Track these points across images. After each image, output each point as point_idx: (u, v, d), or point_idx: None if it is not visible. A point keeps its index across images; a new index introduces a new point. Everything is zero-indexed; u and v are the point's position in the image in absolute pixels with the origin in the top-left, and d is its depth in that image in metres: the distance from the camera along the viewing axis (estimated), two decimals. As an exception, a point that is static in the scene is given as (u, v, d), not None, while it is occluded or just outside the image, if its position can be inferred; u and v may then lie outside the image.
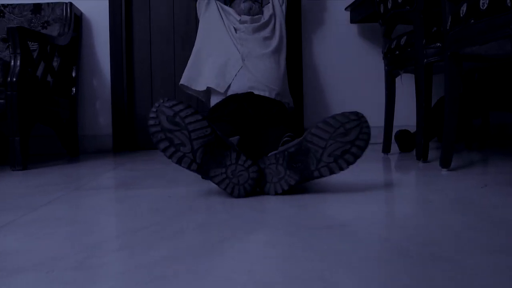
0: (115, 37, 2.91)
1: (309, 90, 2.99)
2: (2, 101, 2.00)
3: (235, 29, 2.20)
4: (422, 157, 1.90)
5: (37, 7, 2.74)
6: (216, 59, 2.11)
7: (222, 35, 2.18)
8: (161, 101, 1.13)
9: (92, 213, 1.06)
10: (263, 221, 0.94)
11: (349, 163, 1.18)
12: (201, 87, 2.13)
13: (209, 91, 2.16)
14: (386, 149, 2.30)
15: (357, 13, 2.85)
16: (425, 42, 1.86)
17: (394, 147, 2.39)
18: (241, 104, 1.93)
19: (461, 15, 1.45)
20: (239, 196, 1.16)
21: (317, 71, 3.00)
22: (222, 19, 2.22)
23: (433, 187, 1.31)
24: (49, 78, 2.42)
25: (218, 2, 2.28)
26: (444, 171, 1.60)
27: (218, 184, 1.15)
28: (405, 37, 2.02)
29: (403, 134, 2.42)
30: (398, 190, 1.29)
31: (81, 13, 2.88)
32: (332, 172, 1.17)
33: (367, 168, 1.79)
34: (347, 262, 0.66)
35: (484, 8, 1.31)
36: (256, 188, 1.20)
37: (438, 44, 1.83)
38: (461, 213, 0.97)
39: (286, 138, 1.39)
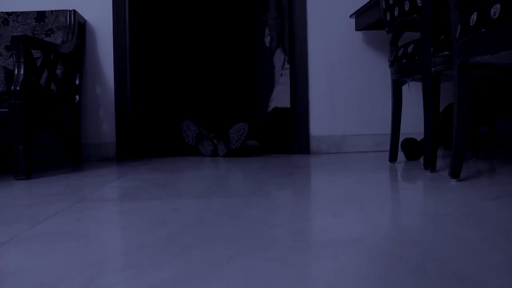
0: (119, 44, 2.90)
1: (314, 98, 2.97)
2: (5, 110, 1.99)
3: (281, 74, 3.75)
4: (430, 166, 1.87)
5: (41, 15, 2.73)
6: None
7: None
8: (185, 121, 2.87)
9: (97, 227, 1.04)
10: (272, 235, 0.91)
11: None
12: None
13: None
14: (392, 158, 2.27)
15: (362, 21, 2.83)
16: (433, 50, 1.84)
17: (400, 155, 2.36)
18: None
19: (471, 24, 1.43)
20: (207, 154, 2.92)
21: (322, 79, 2.97)
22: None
23: (443, 199, 1.28)
24: (52, 86, 2.41)
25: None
26: (453, 182, 1.57)
27: (200, 150, 2.92)
28: (412, 45, 2.00)
29: (409, 143, 2.39)
30: (408, 202, 1.27)
31: (85, 21, 2.87)
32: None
33: (374, 178, 1.77)
34: (362, 283, 0.64)
35: (496, 17, 1.28)
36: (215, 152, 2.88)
37: (447, 52, 1.81)
38: (476, 227, 0.94)
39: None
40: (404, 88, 2.27)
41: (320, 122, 2.98)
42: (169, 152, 3.35)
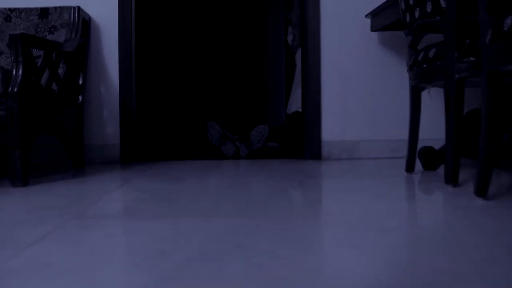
0: (125, 42, 2.79)
1: (326, 101, 2.85)
2: (2, 112, 1.89)
3: None
4: (452, 180, 1.75)
5: (44, 12, 2.63)
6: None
7: None
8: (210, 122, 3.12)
9: (89, 257, 0.93)
10: (284, 275, 0.80)
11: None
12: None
13: None
14: (409, 168, 2.14)
15: (378, 21, 2.70)
16: (457, 56, 1.71)
17: (417, 164, 2.23)
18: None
19: (505, 29, 1.30)
20: (229, 155, 2.99)
21: (335, 81, 2.85)
22: None
23: (473, 224, 1.16)
24: (54, 86, 2.31)
25: None
26: (480, 201, 1.45)
27: (223, 151, 2.98)
28: (434, 49, 1.87)
29: (427, 152, 2.26)
30: (432, 227, 1.15)
31: (90, 18, 2.76)
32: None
33: (392, 194, 1.65)
34: None
35: (535, 23, 1.16)
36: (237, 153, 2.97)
37: (472, 58, 1.68)
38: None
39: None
40: (423, 94, 2.14)
41: (332, 127, 2.86)
42: (175, 155, 3.25)
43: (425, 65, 1.93)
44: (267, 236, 1.05)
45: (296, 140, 3.13)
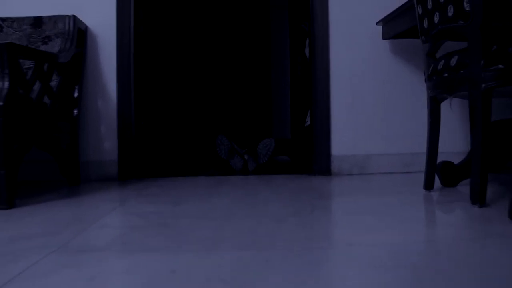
0: (123, 53, 2.65)
1: (336, 112, 2.69)
2: (-13, 128, 1.74)
3: None
4: (479, 200, 1.58)
5: (37, 21, 2.50)
6: None
7: None
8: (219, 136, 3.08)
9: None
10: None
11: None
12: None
13: None
14: (428, 185, 1.98)
15: (391, 28, 2.55)
16: (483, 64, 1.55)
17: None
18: None
19: (546, 33, 1.14)
20: (237, 169, 2.92)
21: (345, 91, 2.69)
22: None
23: (518, 258, 0.99)
24: (46, 100, 2.16)
25: None
26: (517, 226, 1.28)
27: (231, 164, 2.93)
28: (456, 56, 1.71)
29: (446, 167, 2.10)
30: (469, 264, 0.98)
31: (86, 27, 2.62)
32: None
33: (414, 218, 1.48)
34: None
35: None
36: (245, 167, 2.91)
37: (501, 66, 1.52)
38: None
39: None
40: (443, 105, 1.98)
41: (342, 140, 2.70)
42: (177, 171, 3.09)
43: (446, 74, 1.77)
44: (279, 276, 0.88)
45: (307, 153, 2.99)
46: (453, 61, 1.72)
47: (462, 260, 1.00)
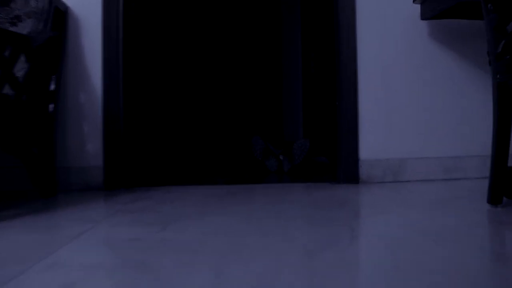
0: (110, 39, 2.22)
1: (364, 108, 2.24)
2: None
3: None
4: None
5: (6, -1, 2.07)
6: None
7: None
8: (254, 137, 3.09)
9: None
10: None
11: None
12: None
13: None
14: (495, 199, 1.52)
15: (432, 6, 2.11)
16: None
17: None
18: None
19: None
20: (272, 169, 2.86)
21: (375, 83, 2.25)
22: None
23: None
24: (9, 90, 1.74)
25: None
26: None
27: (266, 165, 2.88)
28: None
29: (513, 175, 1.64)
30: None
31: (67, 8, 2.20)
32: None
33: (491, 247, 1.03)
34: None
35: None
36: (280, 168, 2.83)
37: None
38: None
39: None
40: None
41: (372, 141, 2.25)
42: (175, 179, 2.66)
43: (526, 52, 1.32)
44: None
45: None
46: (539, 33, 1.27)
47: None
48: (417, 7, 2.23)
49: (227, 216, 1.46)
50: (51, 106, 2.04)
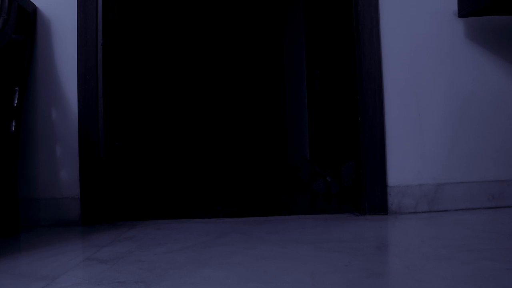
0: (87, 46, 1.86)
1: (392, 124, 1.88)
2: None
3: None
4: None
5: (-39, -3, 1.72)
6: None
7: None
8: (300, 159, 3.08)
9: None
10: None
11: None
12: None
13: None
14: None
15: (472, 1, 1.76)
16: None
17: None
18: None
19: None
20: (319, 191, 2.72)
21: (405, 94, 1.89)
22: None
23: None
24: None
25: None
26: None
27: (314, 187, 2.74)
28: None
29: None
30: None
31: (35, 9, 1.85)
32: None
33: None
34: None
35: None
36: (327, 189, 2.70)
37: None
38: None
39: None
40: None
41: (403, 164, 1.88)
42: (167, 212, 2.28)
43: None
44: None
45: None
46: None
47: None
48: (451, 2, 1.88)
49: (224, 269, 1.07)
50: (12, 124, 1.67)
